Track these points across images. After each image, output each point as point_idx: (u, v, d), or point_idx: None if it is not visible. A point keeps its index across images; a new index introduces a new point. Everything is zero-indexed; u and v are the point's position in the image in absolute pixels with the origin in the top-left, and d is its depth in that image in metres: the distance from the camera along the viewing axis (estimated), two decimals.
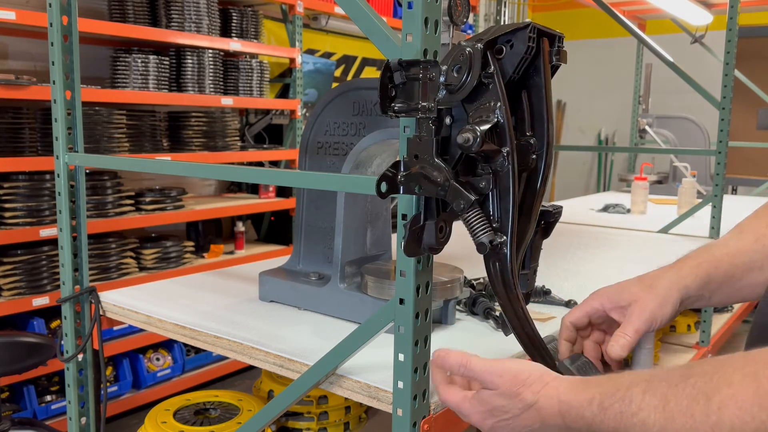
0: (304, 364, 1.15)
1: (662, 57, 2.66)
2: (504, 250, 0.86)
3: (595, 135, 7.31)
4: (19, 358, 2.32)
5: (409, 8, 0.89)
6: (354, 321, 1.35)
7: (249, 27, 3.91)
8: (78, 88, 1.56)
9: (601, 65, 6.98)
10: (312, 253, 1.52)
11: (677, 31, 3.93)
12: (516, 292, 0.89)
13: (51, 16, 1.51)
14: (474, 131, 0.81)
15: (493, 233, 0.86)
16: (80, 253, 1.60)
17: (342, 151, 1.46)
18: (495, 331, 1.33)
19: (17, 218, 2.85)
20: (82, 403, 1.64)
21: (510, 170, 0.85)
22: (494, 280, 0.89)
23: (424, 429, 0.99)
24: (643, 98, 4.92)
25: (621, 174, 4.85)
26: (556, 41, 0.91)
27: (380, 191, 0.88)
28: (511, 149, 0.84)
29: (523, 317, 0.90)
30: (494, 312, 1.36)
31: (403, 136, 0.92)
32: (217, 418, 1.62)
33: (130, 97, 3.26)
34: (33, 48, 3.28)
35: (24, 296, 2.89)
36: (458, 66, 0.84)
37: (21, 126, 2.97)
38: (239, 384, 3.88)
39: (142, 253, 3.42)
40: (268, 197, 4.16)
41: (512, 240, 0.86)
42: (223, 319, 1.39)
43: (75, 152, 1.58)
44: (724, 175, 2.47)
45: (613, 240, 2.47)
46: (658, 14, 4.63)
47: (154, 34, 3.30)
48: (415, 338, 0.95)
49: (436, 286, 1.23)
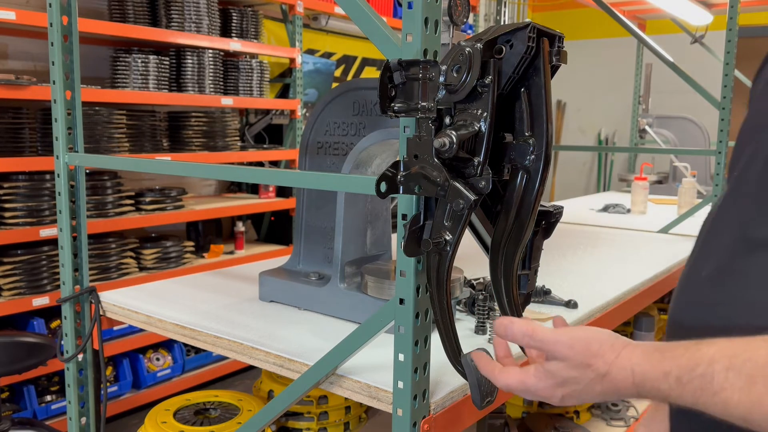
0: (304, 364, 1.15)
1: (662, 57, 2.66)
2: (447, 249, 0.88)
3: (595, 135, 7.31)
4: (19, 358, 2.32)
5: (409, 8, 0.89)
6: (354, 321, 1.35)
7: (249, 27, 3.91)
8: (78, 88, 1.56)
9: (601, 65, 6.97)
10: (312, 253, 1.52)
11: (677, 31, 3.93)
12: (447, 286, 0.90)
13: (51, 16, 1.52)
14: (450, 137, 0.82)
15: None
16: (80, 253, 1.60)
17: (342, 151, 1.46)
18: None
19: (17, 218, 2.85)
20: (82, 403, 1.64)
21: (476, 179, 0.86)
22: (431, 271, 0.91)
23: (424, 429, 0.99)
24: (643, 98, 4.92)
25: (621, 174, 4.85)
26: (556, 41, 0.91)
27: (380, 191, 0.88)
28: (483, 161, 0.85)
29: (445, 309, 0.91)
30: (495, 312, 1.36)
31: (403, 136, 0.92)
32: (217, 418, 1.62)
33: (130, 97, 3.26)
34: (33, 48, 3.28)
35: (24, 296, 2.89)
36: (458, 66, 0.84)
37: (21, 126, 2.97)
38: (239, 384, 3.88)
39: (142, 253, 3.42)
40: (268, 197, 4.16)
41: (456, 242, 0.88)
42: (223, 319, 1.39)
43: (75, 152, 1.58)
44: (724, 175, 2.46)
45: (613, 240, 2.47)
46: (658, 14, 4.64)
47: (154, 34, 3.30)
48: (415, 338, 0.95)
49: None
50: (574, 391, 0.78)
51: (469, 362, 0.89)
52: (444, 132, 0.83)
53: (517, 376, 0.82)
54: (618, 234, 2.62)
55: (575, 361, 0.77)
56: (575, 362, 0.77)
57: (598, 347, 0.76)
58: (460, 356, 0.91)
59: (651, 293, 1.84)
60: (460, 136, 0.82)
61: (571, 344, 0.77)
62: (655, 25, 5.22)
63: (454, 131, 0.83)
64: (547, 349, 0.79)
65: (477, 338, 1.31)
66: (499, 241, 0.92)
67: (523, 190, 0.91)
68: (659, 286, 1.90)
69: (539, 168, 0.90)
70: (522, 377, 0.81)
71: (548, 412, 2.07)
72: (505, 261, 0.93)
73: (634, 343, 0.77)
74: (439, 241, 0.88)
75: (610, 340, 0.77)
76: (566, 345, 0.77)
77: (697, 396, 0.70)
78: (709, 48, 3.68)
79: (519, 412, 2.10)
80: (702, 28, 3.70)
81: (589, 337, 0.77)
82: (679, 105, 5.31)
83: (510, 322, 0.82)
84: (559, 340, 0.78)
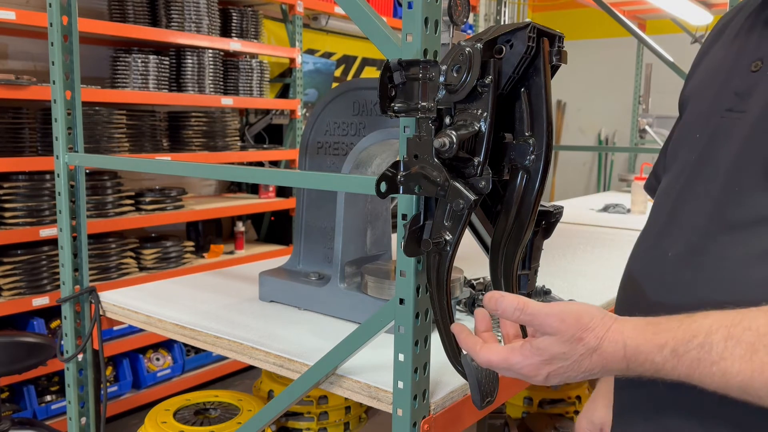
0: (304, 364, 1.15)
1: (662, 57, 2.66)
2: (447, 249, 0.88)
3: (595, 135, 7.31)
4: (19, 358, 2.32)
5: (409, 8, 0.89)
6: (354, 321, 1.35)
7: (249, 27, 3.91)
8: (78, 88, 1.56)
9: (601, 65, 6.97)
10: (312, 253, 1.52)
11: (677, 31, 3.93)
12: (447, 286, 0.89)
13: (51, 16, 1.51)
14: (450, 137, 0.82)
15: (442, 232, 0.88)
16: (80, 253, 1.60)
17: (342, 151, 1.46)
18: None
19: (17, 218, 2.85)
20: (82, 403, 1.64)
21: (476, 179, 0.85)
22: (430, 271, 0.91)
23: (424, 429, 0.99)
24: (643, 98, 4.92)
25: (621, 174, 4.85)
26: (556, 41, 0.91)
27: (380, 191, 0.88)
28: (483, 161, 0.84)
29: (445, 309, 0.91)
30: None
31: (403, 136, 0.92)
32: (217, 418, 1.62)
33: (130, 97, 3.26)
34: (33, 48, 3.28)
35: (24, 296, 2.89)
36: (458, 66, 0.84)
37: (21, 126, 2.97)
38: (239, 384, 3.88)
39: (142, 253, 3.42)
40: (268, 197, 4.16)
41: (456, 242, 0.87)
42: (223, 319, 1.39)
43: (75, 152, 1.58)
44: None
45: (613, 240, 2.47)
46: (658, 14, 4.64)
47: (154, 34, 3.30)
48: (415, 338, 0.95)
49: None
50: (560, 368, 0.76)
51: (469, 362, 0.88)
52: (444, 132, 0.83)
53: (501, 352, 0.79)
54: (618, 234, 2.62)
55: (567, 334, 0.75)
56: (566, 336, 0.75)
57: (589, 320, 0.75)
58: (460, 356, 0.90)
59: None
60: (460, 136, 0.83)
61: (562, 317, 0.75)
62: (655, 25, 5.22)
63: (454, 131, 0.83)
64: (538, 322, 0.77)
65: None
66: (499, 241, 0.92)
67: (523, 190, 0.91)
68: None
69: (539, 168, 0.90)
70: (506, 354, 0.79)
71: (548, 412, 2.07)
72: (505, 261, 0.93)
73: (624, 318, 0.77)
74: (439, 241, 0.88)
75: (601, 314, 0.77)
76: (557, 318, 0.76)
77: (693, 368, 0.70)
78: None
79: (519, 412, 2.10)
80: (702, 28, 3.70)
81: (581, 311, 0.76)
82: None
83: (501, 295, 0.80)
84: (550, 313, 0.76)
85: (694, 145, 0.92)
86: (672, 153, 1.02)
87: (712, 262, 0.83)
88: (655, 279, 0.91)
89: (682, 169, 0.94)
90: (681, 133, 1.01)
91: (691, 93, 1.03)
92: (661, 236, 0.93)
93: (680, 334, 0.71)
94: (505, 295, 0.80)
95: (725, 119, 0.88)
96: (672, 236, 0.90)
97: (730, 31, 0.99)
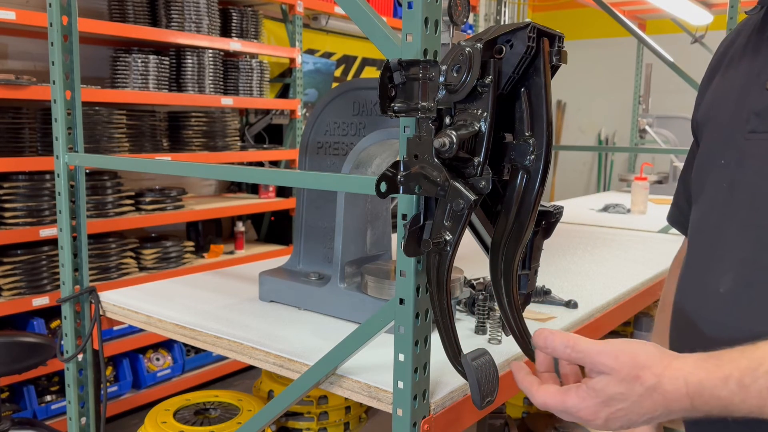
0: (304, 364, 1.15)
1: (662, 57, 2.66)
2: (447, 249, 0.87)
3: (595, 135, 7.31)
4: (19, 358, 2.32)
5: (409, 8, 0.89)
6: (354, 321, 1.35)
7: (249, 27, 3.91)
8: (78, 88, 1.56)
9: (601, 65, 6.98)
10: (312, 253, 1.52)
11: (677, 31, 3.93)
12: (447, 286, 0.89)
13: (51, 16, 1.51)
14: (450, 137, 0.82)
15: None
16: (80, 253, 1.60)
17: (342, 151, 1.46)
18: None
19: (17, 218, 2.85)
20: (82, 403, 1.64)
21: (476, 179, 0.85)
22: (430, 271, 0.90)
23: (424, 429, 0.99)
24: (643, 98, 4.92)
25: (621, 174, 4.85)
26: (556, 41, 0.91)
27: (380, 191, 0.88)
28: (483, 161, 0.84)
29: (445, 309, 0.90)
30: (495, 312, 1.36)
31: (403, 136, 0.92)
32: (217, 418, 1.62)
33: (130, 97, 3.26)
34: (33, 48, 3.28)
35: (24, 296, 2.89)
36: (458, 66, 0.84)
37: (21, 126, 2.97)
38: (239, 384, 3.88)
39: (142, 253, 3.42)
40: (268, 197, 4.16)
41: (456, 242, 0.87)
42: (223, 319, 1.39)
43: (75, 152, 1.58)
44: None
45: (613, 240, 2.47)
46: (658, 14, 4.64)
47: (154, 34, 3.30)
48: (415, 338, 0.95)
49: None
50: (620, 410, 0.72)
51: (469, 362, 0.88)
52: (444, 132, 0.83)
53: (558, 394, 0.76)
54: (618, 234, 2.62)
55: (622, 373, 0.71)
56: (622, 375, 0.71)
57: (645, 358, 0.71)
58: (460, 356, 0.90)
59: (651, 293, 1.84)
60: (460, 136, 0.82)
61: (616, 355, 0.72)
62: (655, 25, 5.22)
63: (454, 131, 0.83)
64: (590, 360, 0.73)
65: (477, 338, 1.31)
66: (499, 241, 0.92)
67: (523, 190, 0.91)
68: (659, 286, 1.90)
69: (539, 168, 0.90)
70: (562, 397, 0.75)
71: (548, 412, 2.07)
72: (505, 261, 0.93)
73: (684, 354, 0.72)
74: (439, 241, 0.87)
75: (659, 352, 0.73)
76: (611, 356, 0.72)
77: (764, 397, 0.66)
78: (709, 48, 3.67)
79: (519, 412, 2.10)
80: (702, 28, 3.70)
81: (635, 349, 0.72)
82: (679, 105, 5.31)
83: (550, 333, 0.77)
84: (602, 351, 0.72)
85: (721, 172, 0.89)
86: (697, 182, 0.98)
87: (765, 294, 0.80)
88: (707, 317, 0.88)
89: (713, 197, 0.90)
90: (702, 160, 0.97)
91: (705, 117, 1.00)
92: (708, 272, 0.89)
93: (744, 363, 0.67)
94: (555, 332, 0.77)
95: (751, 141, 0.85)
96: (718, 271, 0.87)
97: (733, 53, 0.98)
